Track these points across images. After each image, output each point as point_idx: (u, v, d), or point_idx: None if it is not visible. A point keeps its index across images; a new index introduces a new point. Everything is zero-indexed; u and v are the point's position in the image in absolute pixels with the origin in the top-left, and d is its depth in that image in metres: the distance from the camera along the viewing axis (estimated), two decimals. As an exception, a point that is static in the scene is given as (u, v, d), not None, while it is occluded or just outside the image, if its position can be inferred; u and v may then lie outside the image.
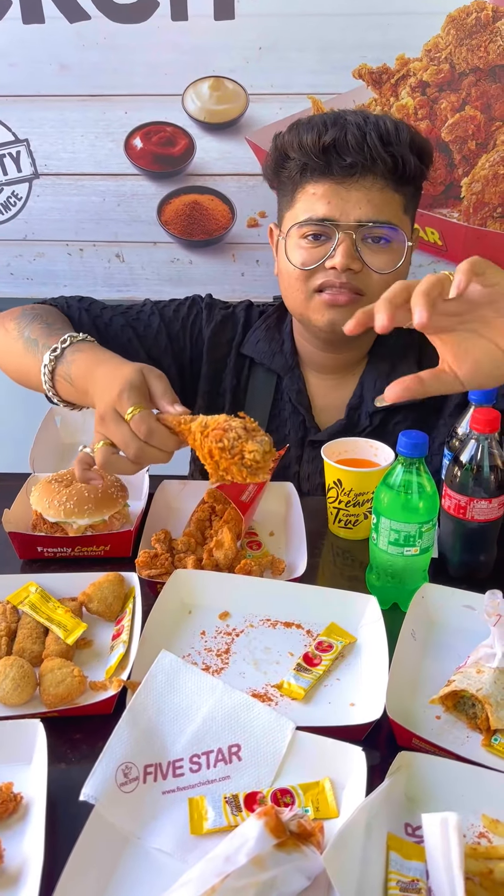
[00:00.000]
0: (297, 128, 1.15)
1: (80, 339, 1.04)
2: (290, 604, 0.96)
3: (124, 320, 1.29)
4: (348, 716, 0.82)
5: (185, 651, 0.91)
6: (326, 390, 1.32)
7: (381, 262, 1.15)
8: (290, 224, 1.18)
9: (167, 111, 1.68)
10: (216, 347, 1.33)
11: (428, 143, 1.17)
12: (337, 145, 1.10)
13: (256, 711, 0.77)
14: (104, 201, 1.76)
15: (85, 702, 0.83)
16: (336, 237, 1.13)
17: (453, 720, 0.83)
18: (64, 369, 1.01)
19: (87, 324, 1.26)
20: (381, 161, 1.10)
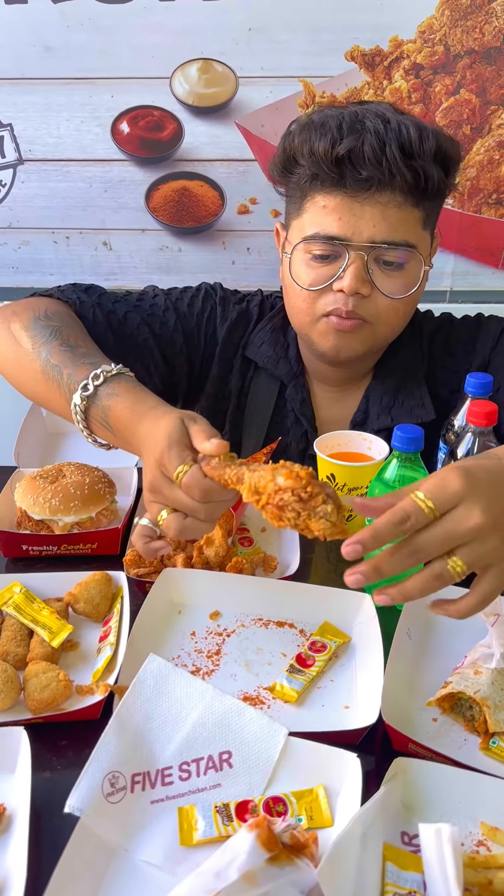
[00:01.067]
0: (308, 130, 1.02)
1: (114, 375, 0.91)
2: (283, 603, 0.94)
3: (140, 317, 1.19)
4: (342, 719, 0.80)
5: (175, 652, 0.88)
6: (330, 402, 1.26)
7: (393, 287, 1.06)
8: (296, 235, 1.09)
9: (155, 95, 1.64)
10: (228, 348, 1.24)
11: (456, 148, 1.05)
12: (352, 156, 0.99)
13: (248, 717, 0.74)
14: (91, 188, 1.72)
15: (71, 707, 0.80)
16: (346, 257, 1.04)
17: (450, 722, 0.80)
18: (99, 414, 0.90)
19: (102, 323, 1.15)
20: (400, 176, 0.99)
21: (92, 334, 1.11)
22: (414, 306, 1.14)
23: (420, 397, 1.20)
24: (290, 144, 1.06)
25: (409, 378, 1.21)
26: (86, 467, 1.10)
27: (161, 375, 1.23)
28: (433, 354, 1.22)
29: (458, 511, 0.67)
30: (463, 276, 1.73)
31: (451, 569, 0.68)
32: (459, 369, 1.21)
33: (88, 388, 0.90)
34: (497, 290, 1.74)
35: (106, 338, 1.15)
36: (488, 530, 0.67)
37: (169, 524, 0.80)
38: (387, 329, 1.11)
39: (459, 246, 1.69)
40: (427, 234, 1.09)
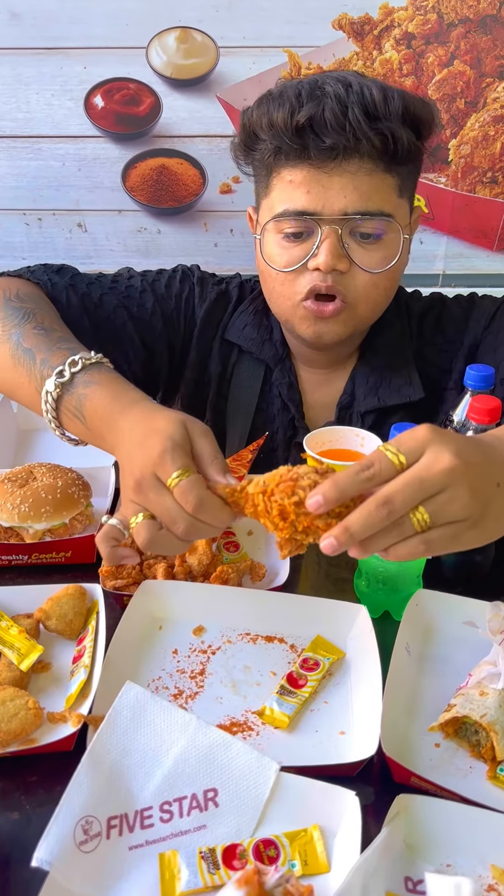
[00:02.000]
0: (267, 102, 0.96)
1: (93, 363, 0.84)
2: (272, 616, 0.87)
3: (116, 300, 1.12)
4: (338, 747, 0.74)
5: (155, 673, 0.81)
6: (316, 385, 1.20)
7: (372, 261, 1.00)
8: (266, 215, 1.03)
9: (130, 66, 1.55)
10: (206, 329, 1.19)
11: (427, 108, 0.99)
12: (314, 124, 0.92)
13: (235, 750, 0.68)
14: (63, 166, 1.63)
15: (42, 736, 0.74)
16: (319, 232, 0.97)
17: (454, 748, 0.74)
18: (73, 402, 0.83)
19: (76, 306, 1.08)
20: (366, 140, 0.92)
21: (66, 318, 1.04)
22: (396, 281, 1.07)
23: (408, 375, 1.14)
24: (248, 119, 1.00)
25: (395, 356, 1.15)
26: (58, 468, 1.02)
27: (141, 362, 1.16)
28: (423, 333, 1.17)
29: (426, 456, 0.62)
30: (455, 259, 1.66)
31: (413, 518, 0.62)
32: (450, 349, 1.16)
33: (64, 374, 0.83)
34: (491, 274, 1.67)
35: (81, 322, 1.08)
36: (459, 475, 0.62)
37: (139, 531, 0.72)
38: (368, 307, 1.05)
39: (452, 227, 1.61)
40: (404, 203, 1.02)
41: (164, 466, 0.70)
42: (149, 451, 0.71)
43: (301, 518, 0.65)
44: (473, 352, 1.13)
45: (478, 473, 0.63)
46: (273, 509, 0.66)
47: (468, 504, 0.62)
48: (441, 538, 0.63)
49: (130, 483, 0.73)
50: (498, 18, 1.44)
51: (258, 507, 0.68)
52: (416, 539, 0.63)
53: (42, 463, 1.04)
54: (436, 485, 0.61)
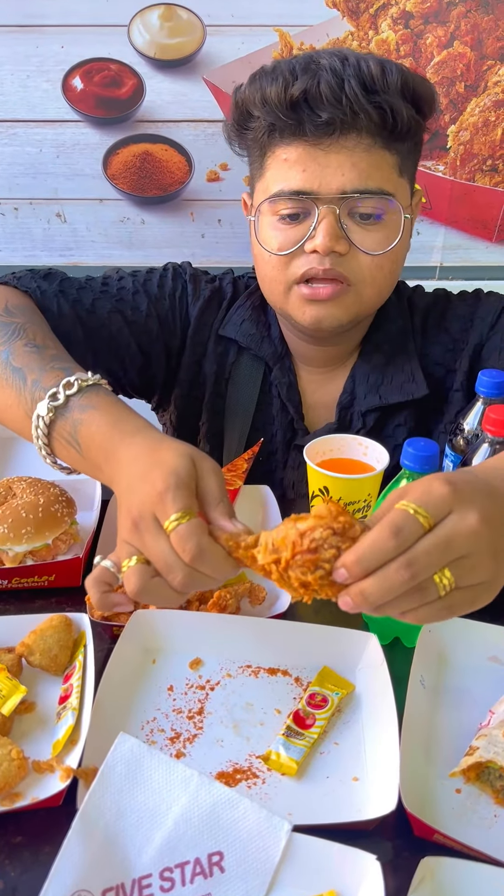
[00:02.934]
0: (259, 78, 0.92)
1: (90, 384, 0.76)
2: (274, 646, 0.81)
3: (110, 304, 1.06)
4: (352, 795, 0.68)
5: (150, 714, 0.75)
6: (316, 385, 1.14)
7: (372, 242, 0.95)
8: (261, 197, 0.98)
9: (111, 45, 1.46)
10: (201, 330, 1.12)
11: (426, 84, 0.94)
12: (308, 98, 0.88)
13: (242, 809, 0.61)
14: (41, 152, 1.54)
15: (27, 789, 0.67)
16: (316, 213, 0.93)
17: (476, 793, 0.69)
18: (68, 429, 0.75)
19: (69, 315, 1.01)
20: (364, 115, 0.88)
21: (58, 329, 0.98)
22: (400, 263, 1.01)
23: (411, 372, 1.09)
24: (241, 96, 0.95)
25: (397, 352, 1.10)
26: (40, 483, 0.95)
27: (137, 368, 1.10)
28: (426, 331, 1.11)
29: (453, 517, 0.57)
30: (454, 251, 1.59)
31: (438, 581, 0.56)
32: (455, 347, 1.11)
33: (58, 396, 0.75)
34: (491, 266, 1.61)
35: (74, 332, 1.02)
36: (486, 539, 0.57)
37: (130, 576, 0.64)
38: (373, 290, 0.99)
39: (450, 217, 1.55)
40: (405, 182, 0.97)
41: (164, 506, 0.63)
42: (149, 488, 0.64)
43: (325, 589, 0.58)
44: (479, 351, 1.08)
45: (500, 534, 0.58)
46: (293, 581, 0.59)
47: (490, 567, 0.58)
48: (462, 601, 0.58)
49: (127, 522, 0.65)
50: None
51: (271, 575, 0.60)
52: (438, 604, 0.58)
53: (22, 477, 0.96)
54: (462, 548, 0.56)
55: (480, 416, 0.91)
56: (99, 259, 1.64)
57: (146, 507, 0.64)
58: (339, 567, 0.56)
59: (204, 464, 0.66)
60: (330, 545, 0.57)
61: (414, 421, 1.10)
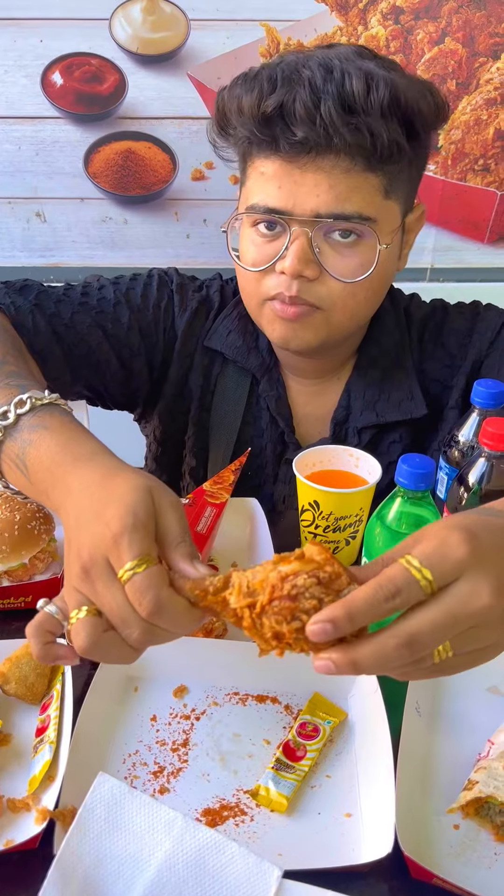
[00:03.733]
0: (241, 84, 0.87)
1: (45, 404, 0.69)
2: (263, 671, 0.77)
3: (89, 318, 1.00)
4: (344, 833, 0.64)
5: (132, 747, 0.71)
6: (307, 398, 1.10)
7: (346, 269, 0.90)
8: (241, 206, 0.94)
9: (92, 40, 1.42)
10: (188, 342, 1.08)
11: (424, 98, 0.85)
12: (284, 114, 0.83)
13: (229, 854, 0.58)
14: (19, 150, 1.49)
15: (1, 829, 0.63)
16: (288, 233, 0.88)
17: (475, 829, 0.66)
18: (16, 449, 0.67)
19: (45, 332, 0.95)
20: (338, 137, 0.82)
21: (33, 347, 0.93)
22: (379, 288, 0.96)
23: (409, 389, 1.05)
24: (221, 102, 0.90)
25: (395, 368, 1.06)
26: (15, 499, 0.90)
27: (119, 384, 1.06)
28: (423, 344, 1.08)
29: (461, 586, 0.50)
30: (445, 252, 1.56)
31: (434, 652, 0.51)
32: (453, 363, 1.07)
33: (8, 415, 0.68)
34: (482, 268, 1.58)
35: (50, 349, 0.96)
36: (495, 615, 0.51)
37: (80, 630, 0.55)
38: (344, 316, 0.94)
39: (441, 218, 1.51)
40: (392, 204, 0.91)
41: (119, 552, 0.54)
42: (103, 528, 0.55)
43: (300, 644, 0.52)
44: (477, 368, 1.04)
45: None
46: (265, 630, 0.52)
47: (495, 635, 0.53)
48: (458, 665, 0.53)
49: (76, 567, 0.57)
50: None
51: (243, 621, 0.53)
52: (430, 669, 0.53)
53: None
54: (468, 623, 0.51)
55: (476, 428, 0.88)
56: (80, 260, 1.60)
57: (98, 551, 0.55)
58: (324, 622, 0.49)
59: (163, 499, 0.58)
60: (312, 595, 0.51)
61: (410, 438, 1.06)
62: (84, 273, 1.61)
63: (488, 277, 1.58)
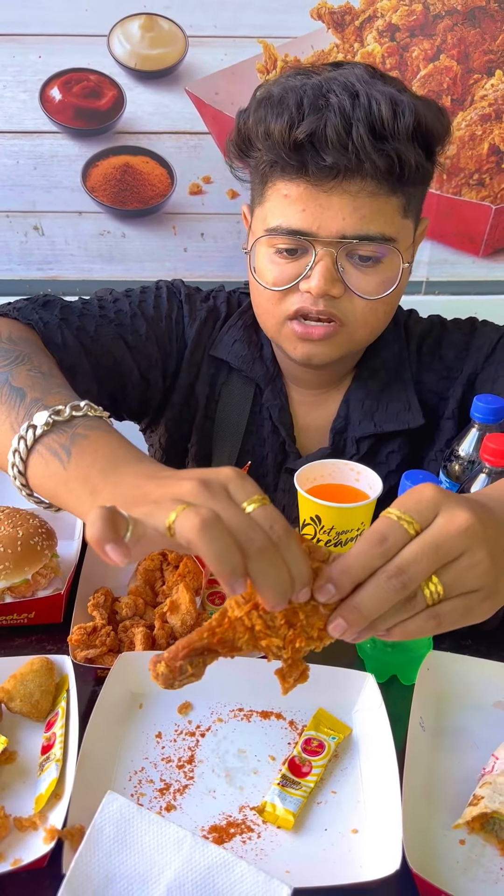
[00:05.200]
0: (265, 108, 0.88)
1: (98, 416, 0.69)
2: (267, 687, 0.76)
3: (113, 330, 1.01)
4: (352, 849, 0.65)
5: (138, 764, 0.71)
6: (308, 408, 1.11)
7: (368, 287, 0.92)
8: (259, 226, 0.94)
9: (90, 56, 1.42)
10: (196, 351, 1.09)
11: (440, 120, 0.89)
12: (314, 141, 0.84)
13: (238, 873, 0.58)
14: (18, 164, 1.49)
15: (8, 849, 0.63)
16: (313, 254, 0.90)
17: (481, 844, 0.66)
18: (63, 439, 0.66)
19: (74, 347, 0.95)
20: (369, 163, 0.84)
21: (63, 362, 0.93)
22: (395, 304, 1.00)
23: (407, 401, 1.07)
24: (244, 124, 0.91)
25: (393, 379, 1.07)
26: (18, 514, 0.90)
27: (138, 394, 1.07)
28: (421, 357, 1.09)
29: (440, 518, 0.54)
30: (440, 266, 1.57)
31: (426, 590, 0.53)
32: (449, 375, 1.09)
33: (63, 413, 0.67)
34: (477, 281, 1.59)
35: (80, 363, 0.96)
36: (478, 538, 0.53)
37: (197, 511, 0.49)
38: (365, 332, 0.98)
39: (437, 232, 1.52)
40: (409, 223, 0.94)
41: (244, 482, 0.53)
42: (213, 473, 0.54)
43: (312, 619, 0.54)
44: (472, 380, 1.06)
45: (493, 537, 0.55)
46: (277, 621, 0.54)
47: (486, 570, 0.54)
48: (453, 611, 0.54)
49: (185, 484, 0.53)
50: (487, 10, 1.34)
51: (255, 628, 0.54)
52: (425, 614, 0.54)
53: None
54: (453, 549, 0.53)
55: (476, 443, 0.89)
56: (78, 273, 1.60)
57: (216, 477, 0.53)
58: (325, 583, 0.52)
59: None
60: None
61: (408, 448, 1.07)
62: (82, 286, 1.61)
63: (483, 290, 1.59)
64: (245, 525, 0.51)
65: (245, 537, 0.50)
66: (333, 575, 0.52)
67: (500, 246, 1.56)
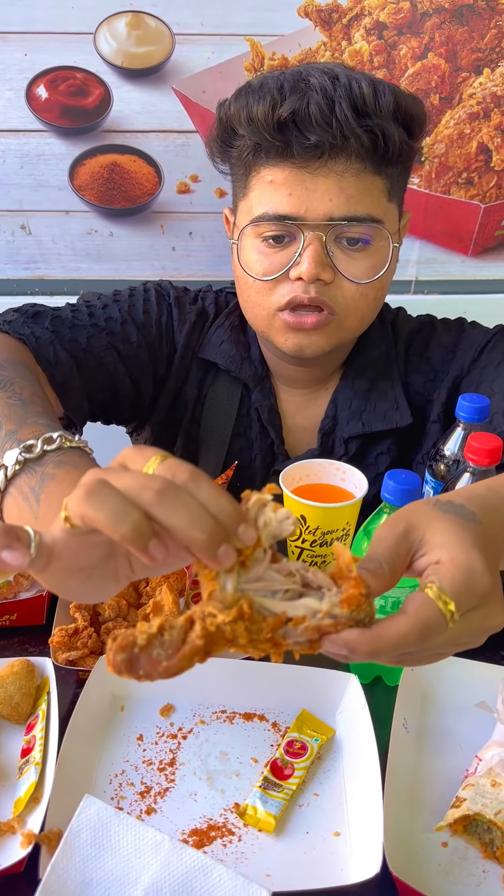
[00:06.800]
0: (246, 95, 0.88)
1: (73, 447, 0.67)
2: (250, 688, 0.77)
3: (104, 340, 1.00)
4: (333, 854, 0.64)
5: (119, 766, 0.70)
6: (296, 408, 1.10)
7: (358, 270, 0.92)
8: (244, 218, 0.94)
9: (77, 54, 1.41)
10: (185, 354, 1.08)
11: (417, 105, 0.91)
12: (297, 119, 0.84)
13: (217, 877, 0.57)
14: (4, 163, 1.48)
15: (-15, 853, 0.62)
16: (301, 239, 0.89)
17: (464, 846, 0.66)
18: (32, 482, 0.64)
19: (66, 362, 0.94)
20: (354, 139, 0.85)
21: (54, 379, 0.92)
22: (385, 291, 0.98)
23: (395, 400, 1.06)
24: (226, 112, 0.91)
25: (381, 379, 1.07)
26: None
27: (129, 401, 1.06)
28: (409, 358, 1.09)
29: (478, 612, 0.51)
30: (429, 265, 1.57)
31: None
32: (436, 377, 1.08)
33: (34, 449, 0.65)
34: (466, 280, 1.59)
35: (71, 379, 0.95)
36: (493, 631, 0.53)
37: (81, 483, 0.48)
38: (356, 319, 0.96)
39: (426, 231, 1.52)
40: (394, 207, 0.94)
41: (137, 452, 0.50)
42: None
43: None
44: (458, 383, 1.05)
45: None
46: (263, 632, 0.48)
47: (476, 643, 0.54)
48: (426, 659, 0.54)
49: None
50: (475, 8, 1.34)
51: (239, 642, 0.48)
52: (400, 659, 0.53)
53: (-17, 509, 0.91)
54: (467, 640, 0.53)
55: (461, 442, 0.88)
56: (66, 272, 1.59)
57: (113, 460, 0.51)
58: (342, 645, 0.48)
59: None
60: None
61: (397, 450, 1.07)
62: (70, 286, 1.60)
63: (472, 290, 1.59)
64: (137, 480, 0.47)
65: (139, 490, 0.46)
66: (358, 648, 0.48)
67: (488, 245, 1.55)
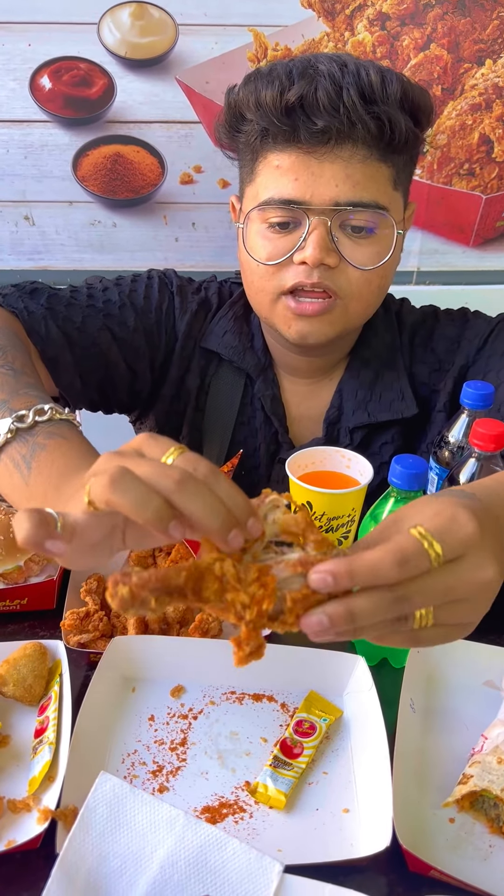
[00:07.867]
0: (255, 80, 0.89)
1: (63, 419, 0.70)
2: (259, 670, 0.76)
3: (99, 321, 1.01)
4: (343, 828, 0.65)
5: (131, 746, 0.72)
6: (301, 397, 1.11)
7: (363, 257, 0.92)
8: (250, 203, 0.95)
9: (81, 44, 1.41)
10: (188, 344, 1.08)
11: (424, 95, 0.91)
12: (305, 104, 0.85)
13: (230, 850, 0.58)
14: (8, 153, 1.49)
15: (2, 830, 0.64)
16: (307, 223, 0.90)
17: (471, 822, 0.67)
18: (23, 451, 0.67)
19: (57, 338, 0.96)
20: (361, 125, 0.85)
21: (45, 354, 0.93)
22: (389, 279, 0.99)
23: (400, 390, 1.07)
24: (234, 97, 0.92)
25: (386, 369, 1.07)
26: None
27: (125, 386, 1.07)
28: (414, 348, 1.09)
29: (467, 562, 0.51)
30: (431, 255, 1.57)
31: (416, 615, 0.51)
32: (441, 367, 1.08)
33: (26, 419, 0.69)
34: (468, 271, 1.59)
35: (62, 356, 0.97)
36: (488, 591, 0.52)
37: (105, 468, 0.50)
38: (360, 305, 0.97)
39: (427, 221, 1.53)
40: (399, 196, 0.95)
41: (157, 441, 0.53)
42: (125, 444, 0.54)
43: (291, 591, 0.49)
44: (464, 373, 1.06)
45: (499, 580, 0.53)
46: (250, 572, 0.49)
47: (477, 614, 0.53)
48: (434, 637, 0.53)
49: (100, 462, 0.53)
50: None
51: (225, 576, 0.48)
52: (407, 634, 0.52)
53: (-8, 495, 0.92)
54: (463, 597, 0.51)
55: (466, 429, 0.89)
56: (69, 263, 1.60)
57: (127, 445, 0.53)
58: (324, 574, 0.48)
59: None
60: None
61: (401, 440, 1.08)
62: (73, 276, 1.60)
63: (473, 280, 1.60)
64: (159, 469, 0.49)
65: (161, 479, 0.49)
66: (338, 570, 0.48)
67: (490, 236, 1.56)
